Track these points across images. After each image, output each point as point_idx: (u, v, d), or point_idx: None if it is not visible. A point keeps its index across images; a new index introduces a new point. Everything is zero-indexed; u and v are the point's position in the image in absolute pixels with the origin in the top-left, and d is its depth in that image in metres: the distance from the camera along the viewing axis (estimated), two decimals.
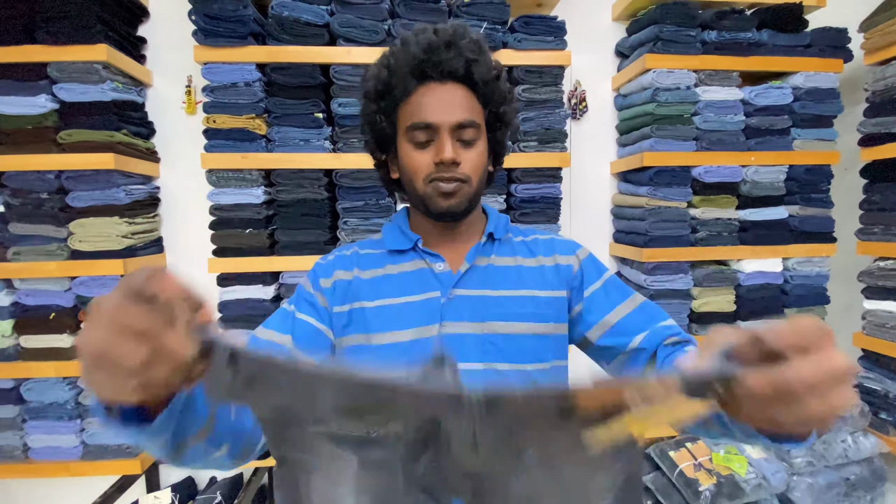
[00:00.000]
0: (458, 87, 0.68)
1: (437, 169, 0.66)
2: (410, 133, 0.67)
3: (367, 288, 0.70)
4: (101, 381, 0.33)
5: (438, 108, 0.66)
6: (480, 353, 0.66)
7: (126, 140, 1.37)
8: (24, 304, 1.39)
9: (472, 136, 0.68)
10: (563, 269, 0.73)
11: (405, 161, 0.69)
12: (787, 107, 1.56)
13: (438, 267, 0.71)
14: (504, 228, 0.76)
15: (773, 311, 1.61)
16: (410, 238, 0.73)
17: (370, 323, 0.68)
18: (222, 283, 1.41)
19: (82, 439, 1.43)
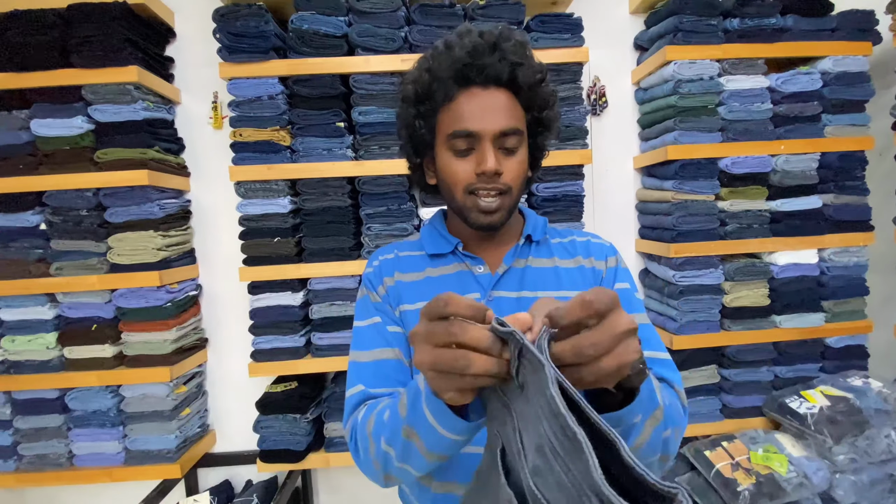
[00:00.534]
0: (501, 92, 0.65)
1: (478, 179, 0.65)
2: (451, 141, 0.65)
3: (409, 291, 0.71)
4: (446, 387, 0.41)
5: (481, 116, 0.64)
6: None
7: (158, 156, 1.43)
8: (67, 316, 1.45)
9: (515, 143, 0.66)
10: (596, 272, 0.73)
11: (444, 169, 0.68)
12: (817, 93, 1.51)
13: (478, 269, 0.72)
14: (542, 230, 0.76)
15: (810, 304, 1.55)
16: (450, 242, 0.73)
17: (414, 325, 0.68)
18: (253, 291, 1.44)
19: (125, 445, 1.49)
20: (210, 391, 1.67)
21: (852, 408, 1.40)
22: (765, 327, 1.54)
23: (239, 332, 1.58)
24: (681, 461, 1.55)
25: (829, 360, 1.59)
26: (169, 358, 1.45)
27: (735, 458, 1.41)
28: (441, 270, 0.73)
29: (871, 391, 1.44)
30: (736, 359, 1.53)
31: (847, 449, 1.37)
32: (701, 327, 1.52)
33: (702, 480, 1.44)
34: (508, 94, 0.66)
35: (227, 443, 1.68)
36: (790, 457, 1.39)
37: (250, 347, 1.47)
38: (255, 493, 1.51)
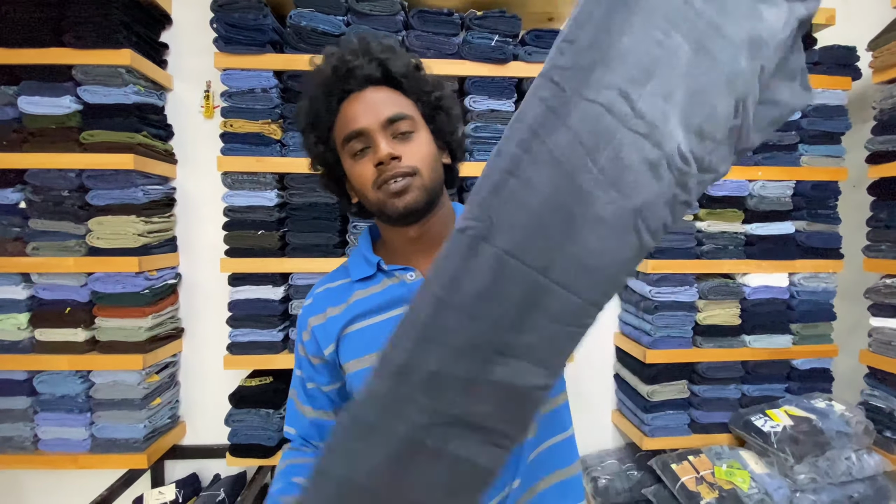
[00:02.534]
0: (378, 89, 0.66)
1: (380, 170, 0.63)
2: (346, 146, 0.65)
3: (345, 317, 0.70)
4: None
5: (364, 113, 0.64)
6: None
7: (146, 142, 1.42)
8: (41, 297, 1.43)
9: (408, 127, 0.65)
10: None
11: (351, 176, 0.67)
12: (795, 123, 1.58)
13: (410, 277, 0.70)
14: None
15: (779, 326, 1.61)
16: (371, 262, 0.71)
17: (356, 347, 0.68)
18: (233, 283, 1.43)
19: (91, 432, 1.46)
20: (183, 382, 1.65)
21: (815, 428, 1.44)
22: (735, 346, 1.58)
23: (216, 324, 1.57)
24: (648, 473, 1.58)
25: (794, 381, 1.64)
26: (143, 346, 1.43)
27: (700, 472, 1.45)
28: (370, 290, 0.71)
29: (833, 413, 1.49)
30: (706, 375, 1.57)
31: (808, 468, 1.42)
32: (674, 343, 1.56)
33: (667, 493, 1.47)
34: (387, 89, 0.67)
35: (197, 435, 1.66)
36: (753, 473, 1.43)
37: (227, 340, 1.46)
38: (222, 487, 1.50)
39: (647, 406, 1.56)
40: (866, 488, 1.45)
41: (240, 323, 1.44)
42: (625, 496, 1.55)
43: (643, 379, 1.58)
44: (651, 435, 1.56)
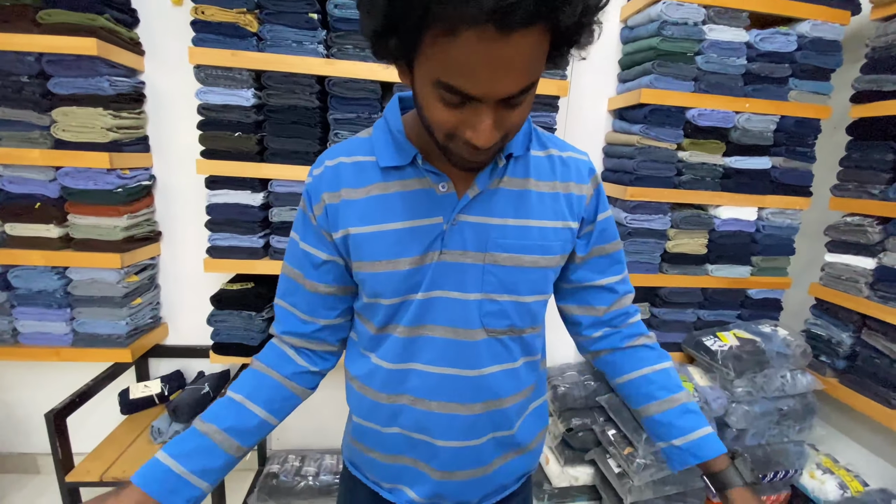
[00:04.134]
0: (526, 36, 0.43)
1: (466, 141, 0.51)
2: (439, 90, 0.48)
3: (359, 211, 0.62)
4: None
5: (488, 78, 0.45)
6: (479, 284, 0.62)
7: (108, 26, 1.31)
8: (8, 191, 1.39)
9: (525, 98, 0.50)
10: (576, 199, 0.66)
11: (425, 107, 0.52)
12: (789, 55, 1.55)
13: (441, 188, 0.61)
14: (525, 144, 0.64)
15: (742, 258, 1.69)
16: (408, 153, 0.61)
17: (367, 250, 0.62)
18: (211, 186, 1.41)
19: (73, 327, 1.49)
20: (163, 285, 1.67)
21: (757, 349, 1.58)
22: (698, 274, 1.67)
23: (194, 228, 1.56)
24: (604, 384, 1.73)
25: (746, 309, 1.76)
26: (119, 245, 1.42)
27: None
28: (395, 186, 0.62)
29: (777, 337, 1.62)
30: (668, 300, 1.67)
31: (746, 383, 1.57)
32: (641, 268, 1.63)
33: (618, 400, 1.62)
34: (535, 36, 0.44)
35: (179, 336, 1.71)
36: (696, 385, 1.57)
37: (206, 244, 1.47)
38: (206, 382, 1.57)
39: None
40: (795, 403, 1.63)
41: (219, 227, 1.43)
42: (581, 402, 1.70)
43: None
44: None
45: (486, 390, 0.65)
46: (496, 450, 0.69)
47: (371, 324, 0.67)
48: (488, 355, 0.65)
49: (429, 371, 0.64)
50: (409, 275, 0.62)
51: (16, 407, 1.73)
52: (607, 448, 1.62)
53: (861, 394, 1.52)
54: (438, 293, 0.62)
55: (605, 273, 0.73)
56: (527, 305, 0.65)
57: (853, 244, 1.58)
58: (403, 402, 0.66)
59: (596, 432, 1.67)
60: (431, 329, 0.63)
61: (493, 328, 0.64)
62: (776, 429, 1.62)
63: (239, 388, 0.68)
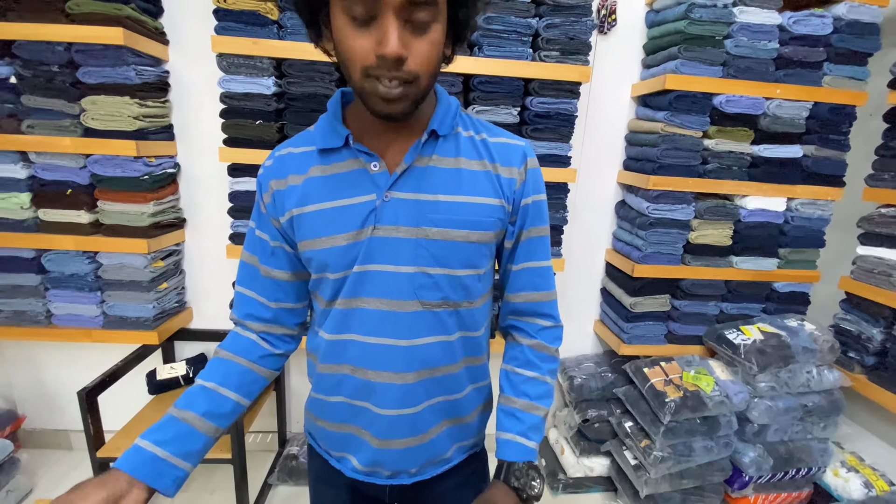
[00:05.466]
0: None
1: (379, 63, 0.53)
2: (348, 4, 0.52)
3: (302, 193, 0.66)
4: None
5: None
6: (413, 258, 0.65)
7: (134, 15, 1.33)
8: (42, 178, 1.43)
9: (427, 17, 0.53)
10: (506, 181, 0.68)
11: (339, 41, 0.55)
12: (824, 38, 1.48)
13: (374, 167, 0.65)
14: (451, 124, 0.68)
15: (768, 250, 1.65)
16: (340, 134, 0.65)
17: (309, 228, 0.66)
18: (233, 174, 1.43)
19: (103, 310, 1.54)
20: (188, 271, 1.72)
21: (782, 343, 1.54)
22: (721, 265, 1.63)
23: (217, 214, 1.59)
24: (621, 376, 1.71)
25: (772, 303, 1.71)
26: (147, 231, 1.46)
27: (669, 375, 1.57)
28: (334, 168, 0.66)
29: (803, 331, 1.58)
30: (689, 291, 1.64)
31: (769, 378, 1.53)
32: (663, 259, 1.60)
33: (636, 392, 1.61)
34: None
35: (204, 320, 1.76)
36: (717, 379, 1.55)
37: (228, 231, 1.50)
38: None
39: (628, 316, 1.65)
40: (821, 399, 1.59)
41: (240, 214, 1.46)
42: (597, 394, 1.69)
43: (628, 291, 1.65)
44: (629, 342, 1.66)
45: (420, 360, 0.68)
46: (433, 417, 0.72)
47: (321, 298, 0.71)
48: (423, 326, 0.67)
49: (365, 341, 0.68)
50: (347, 249, 0.65)
51: (49, 385, 1.81)
52: (624, 440, 1.61)
53: (891, 391, 1.47)
54: (372, 267, 0.65)
55: (523, 258, 0.74)
56: (459, 279, 0.67)
57: (887, 236, 1.52)
58: (345, 372, 0.70)
59: (612, 424, 1.66)
60: (366, 301, 0.67)
61: (427, 300, 0.67)
62: (800, 425, 1.58)
63: (209, 376, 0.71)
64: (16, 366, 1.80)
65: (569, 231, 1.64)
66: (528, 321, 0.77)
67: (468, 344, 0.72)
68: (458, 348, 0.71)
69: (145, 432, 0.64)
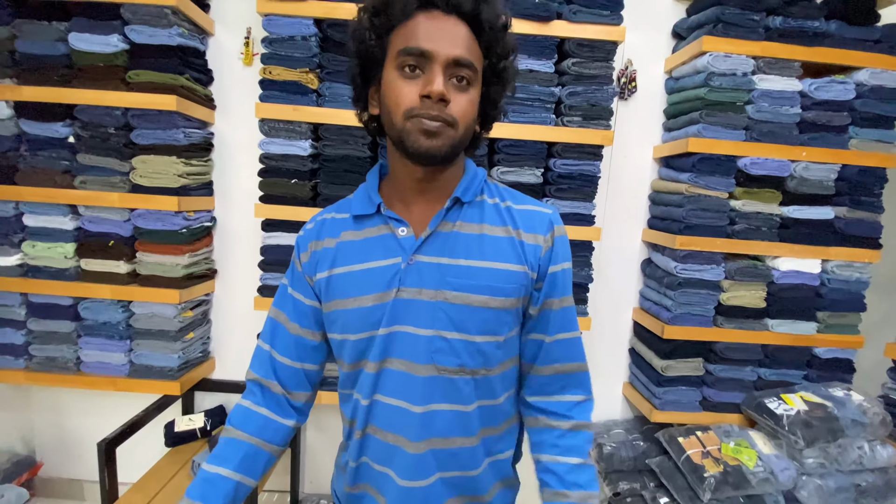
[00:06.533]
0: (461, 23, 0.62)
1: (423, 104, 0.60)
2: (401, 58, 0.61)
3: (336, 255, 0.71)
4: None
5: (437, 37, 0.60)
6: (431, 321, 0.66)
7: (188, 84, 1.45)
8: (87, 229, 1.51)
9: (468, 76, 0.62)
10: (530, 248, 0.69)
11: (388, 90, 0.63)
12: (848, 103, 1.50)
13: (401, 232, 0.69)
14: (475, 191, 0.71)
15: (805, 313, 1.58)
16: (374, 202, 0.71)
17: (338, 289, 0.70)
18: (266, 229, 1.48)
19: (130, 358, 1.56)
20: (214, 320, 1.74)
21: (829, 415, 1.44)
22: (756, 329, 1.57)
23: (247, 267, 1.63)
24: (654, 445, 1.61)
25: (814, 370, 1.62)
26: (179, 282, 1.51)
27: (706, 447, 1.47)
28: (365, 233, 0.71)
29: (850, 402, 1.48)
30: (723, 355, 1.57)
31: (817, 453, 1.42)
32: (694, 321, 1.55)
33: (671, 464, 1.50)
34: (468, 29, 0.62)
35: (225, 371, 1.76)
36: (760, 453, 1.44)
37: (257, 283, 1.53)
38: None
39: (659, 380, 1.58)
40: (875, 478, 1.45)
41: (270, 267, 1.50)
42: (629, 464, 1.58)
43: (658, 354, 1.59)
44: (661, 408, 1.58)
45: (431, 428, 0.67)
46: (445, 492, 0.69)
47: (343, 362, 0.72)
48: (437, 393, 0.66)
49: (387, 402, 0.68)
50: (372, 311, 0.67)
51: (70, 432, 1.81)
52: None
53: None
54: (397, 328, 0.67)
55: (555, 328, 0.72)
56: (476, 345, 0.67)
57: None
58: (369, 433, 0.70)
59: (646, 499, 1.54)
60: (391, 362, 0.68)
61: (443, 365, 0.66)
62: None
63: (224, 462, 0.71)
64: (39, 411, 1.81)
65: (594, 289, 1.62)
66: (558, 400, 0.73)
67: (486, 413, 0.70)
68: (475, 419, 0.69)
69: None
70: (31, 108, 1.45)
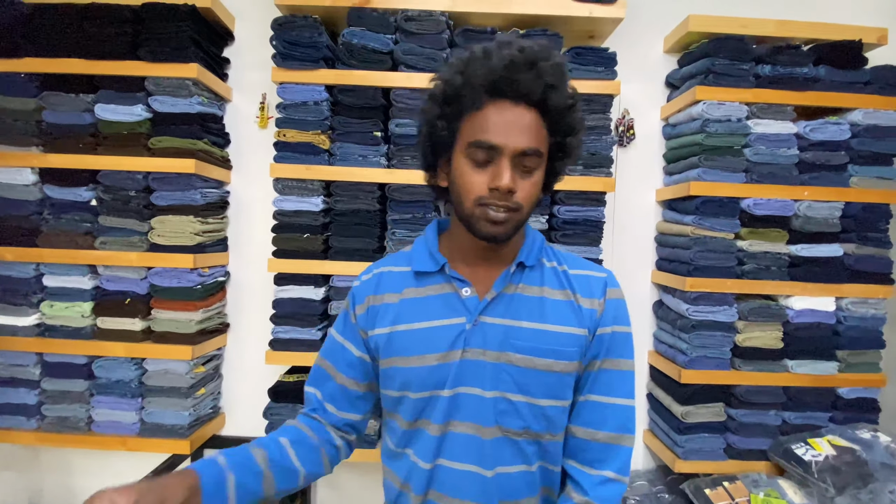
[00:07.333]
0: (529, 110, 0.64)
1: (491, 194, 0.63)
2: (471, 150, 0.64)
3: (396, 312, 0.72)
4: None
5: (506, 132, 0.62)
6: (495, 382, 0.67)
7: (206, 148, 1.53)
8: (105, 288, 1.54)
9: (534, 164, 0.65)
10: (587, 312, 0.71)
11: (459, 177, 0.66)
12: (844, 143, 1.53)
13: (465, 292, 0.70)
14: (536, 255, 0.74)
15: (824, 352, 1.55)
16: (437, 261, 0.72)
17: (401, 346, 0.70)
18: (279, 283, 1.51)
19: (141, 417, 1.56)
20: (225, 375, 1.74)
21: (858, 459, 1.38)
22: (776, 370, 1.53)
23: (259, 321, 1.65)
24: (679, 497, 1.54)
25: (839, 411, 1.57)
26: (192, 338, 1.52)
27: (735, 499, 1.40)
28: (428, 290, 0.72)
29: (878, 445, 1.42)
30: (744, 399, 1.53)
31: (849, 500, 1.35)
32: (711, 364, 1.52)
33: None
34: (536, 114, 0.64)
35: (236, 427, 1.73)
36: (791, 503, 1.37)
37: (268, 337, 1.54)
38: None
39: (680, 427, 1.53)
40: None
41: (282, 320, 1.51)
42: None
43: (677, 399, 1.55)
44: (684, 458, 1.52)
45: (501, 490, 0.67)
46: None
47: (400, 418, 0.72)
48: (505, 455, 0.67)
49: (453, 467, 0.68)
50: (435, 370, 0.68)
51: (79, 493, 1.77)
52: None
53: None
54: (462, 389, 0.68)
55: (596, 389, 0.72)
56: (541, 409, 0.67)
57: None
58: (432, 498, 0.69)
59: None
60: (456, 425, 0.68)
61: (507, 427, 0.67)
62: None
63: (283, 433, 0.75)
64: (49, 471, 1.78)
65: None
66: (582, 469, 0.70)
67: (546, 475, 0.71)
68: (538, 478, 0.70)
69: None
70: (56, 174, 1.52)
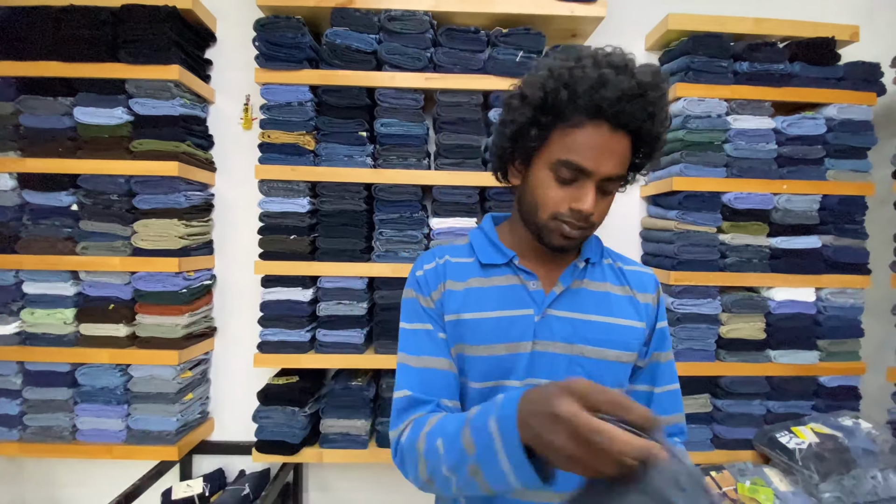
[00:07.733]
0: (625, 137, 0.63)
1: (570, 214, 0.65)
2: (558, 167, 0.64)
3: (462, 300, 0.72)
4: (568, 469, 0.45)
5: (598, 156, 0.62)
6: (568, 373, 0.69)
7: (189, 150, 1.51)
8: (87, 294, 1.52)
9: (615, 187, 0.67)
10: (643, 306, 0.76)
11: (538, 188, 0.67)
12: (821, 137, 1.57)
13: (532, 285, 0.72)
14: (599, 253, 0.78)
15: (806, 342, 1.59)
16: (506, 254, 0.74)
17: (467, 334, 0.70)
18: (266, 285, 1.50)
19: (127, 424, 1.53)
20: (213, 379, 1.72)
21: (840, 446, 1.41)
22: (759, 361, 1.57)
23: (247, 324, 1.64)
24: None
25: (821, 399, 1.60)
26: (178, 342, 1.50)
27: (722, 488, 1.43)
28: (493, 281, 0.73)
29: (860, 431, 1.46)
30: (729, 390, 1.56)
31: (833, 487, 1.38)
32: (696, 356, 1.55)
33: None
34: (629, 140, 0.64)
35: (224, 432, 1.72)
36: (777, 491, 1.40)
37: (256, 340, 1.52)
38: (247, 482, 1.54)
39: None
40: None
41: (270, 323, 1.50)
42: None
43: None
44: None
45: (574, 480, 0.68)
46: None
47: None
48: None
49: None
50: (504, 360, 0.69)
51: None
52: None
53: None
54: (532, 381, 0.68)
55: (666, 380, 0.76)
56: None
57: None
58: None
59: None
60: None
61: None
62: None
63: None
64: (32, 483, 1.75)
65: None
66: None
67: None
68: None
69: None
70: (35, 179, 1.49)
